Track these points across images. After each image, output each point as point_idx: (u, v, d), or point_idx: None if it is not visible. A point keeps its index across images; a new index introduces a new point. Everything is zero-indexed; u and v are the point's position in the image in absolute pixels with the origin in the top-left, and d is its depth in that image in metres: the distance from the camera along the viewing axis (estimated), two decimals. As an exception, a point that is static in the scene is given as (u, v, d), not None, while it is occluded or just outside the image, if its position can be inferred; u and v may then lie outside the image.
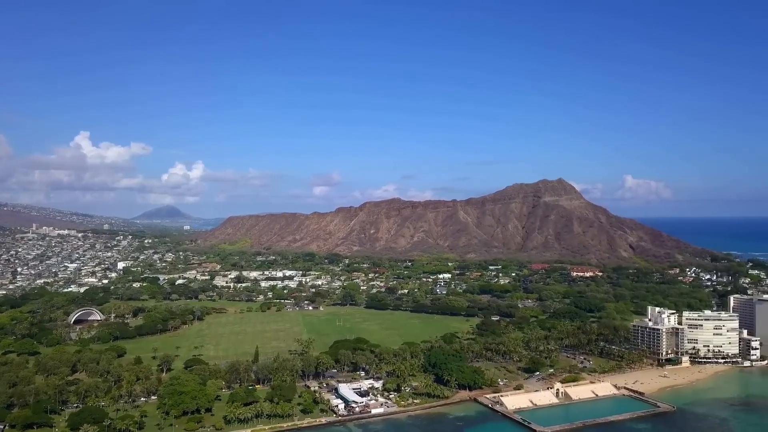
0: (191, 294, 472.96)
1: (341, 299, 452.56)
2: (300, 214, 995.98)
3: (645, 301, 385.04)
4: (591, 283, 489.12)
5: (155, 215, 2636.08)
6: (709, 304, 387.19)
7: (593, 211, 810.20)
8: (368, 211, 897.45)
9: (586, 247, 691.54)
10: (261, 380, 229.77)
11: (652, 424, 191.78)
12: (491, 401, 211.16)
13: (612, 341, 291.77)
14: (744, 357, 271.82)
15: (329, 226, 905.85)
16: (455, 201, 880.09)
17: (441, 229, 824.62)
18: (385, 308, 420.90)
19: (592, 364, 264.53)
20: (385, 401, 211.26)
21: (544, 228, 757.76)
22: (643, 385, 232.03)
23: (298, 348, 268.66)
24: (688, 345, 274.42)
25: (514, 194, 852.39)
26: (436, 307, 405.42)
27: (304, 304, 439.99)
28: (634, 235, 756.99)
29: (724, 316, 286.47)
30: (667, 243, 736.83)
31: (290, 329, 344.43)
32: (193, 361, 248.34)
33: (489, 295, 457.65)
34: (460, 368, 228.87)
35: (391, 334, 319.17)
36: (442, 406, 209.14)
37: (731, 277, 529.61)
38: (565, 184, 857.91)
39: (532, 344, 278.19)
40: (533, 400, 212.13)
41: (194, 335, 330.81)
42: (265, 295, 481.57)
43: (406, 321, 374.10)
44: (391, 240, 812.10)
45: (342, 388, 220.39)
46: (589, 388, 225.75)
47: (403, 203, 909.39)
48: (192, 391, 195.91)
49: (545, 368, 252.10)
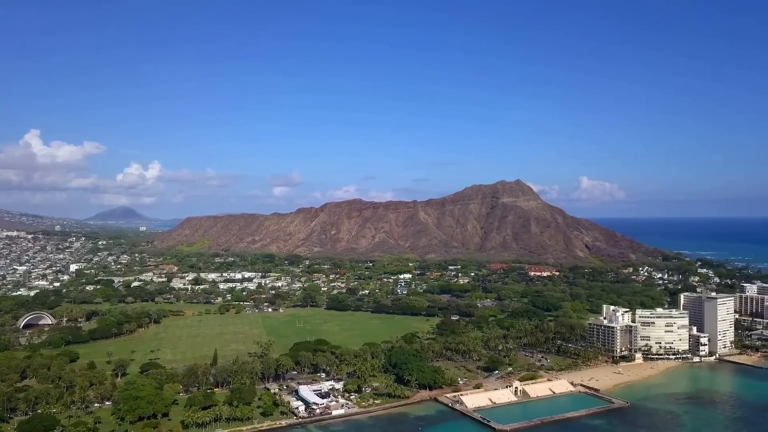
0: (147, 296, 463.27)
1: (302, 301, 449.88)
2: (259, 215, 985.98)
3: (600, 299, 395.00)
4: (548, 283, 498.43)
5: (110, 216, 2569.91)
6: (660, 302, 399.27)
7: (550, 212, 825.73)
8: (329, 212, 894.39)
9: (543, 247, 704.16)
10: (220, 383, 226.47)
11: (606, 420, 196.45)
12: (451, 400, 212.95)
13: (569, 339, 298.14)
14: (693, 353, 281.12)
15: (289, 227, 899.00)
16: (416, 202, 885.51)
17: (402, 229, 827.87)
18: (346, 309, 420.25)
19: (549, 362, 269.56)
20: (346, 402, 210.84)
21: (503, 228, 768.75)
22: (598, 382, 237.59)
23: (258, 350, 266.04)
24: (641, 342, 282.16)
25: (473, 195, 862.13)
26: (396, 308, 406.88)
27: (263, 306, 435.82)
28: (590, 236, 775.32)
29: (675, 313, 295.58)
30: (621, 243, 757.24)
31: (250, 331, 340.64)
32: (149, 365, 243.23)
33: (449, 294, 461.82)
34: (420, 368, 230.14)
35: (352, 335, 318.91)
36: (402, 406, 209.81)
37: (681, 275, 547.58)
38: (522, 185, 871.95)
39: (491, 343, 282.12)
40: (492, 399, 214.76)
41: (151, 339, 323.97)
42: (223, 297, 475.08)
43: (367, 322, 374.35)
44: (353, 241, 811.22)
45: (302, 389, 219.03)
46: (547, 385, 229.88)
47: (364, 204, 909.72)
48: (148, 395, 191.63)
49: (504, 367, 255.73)
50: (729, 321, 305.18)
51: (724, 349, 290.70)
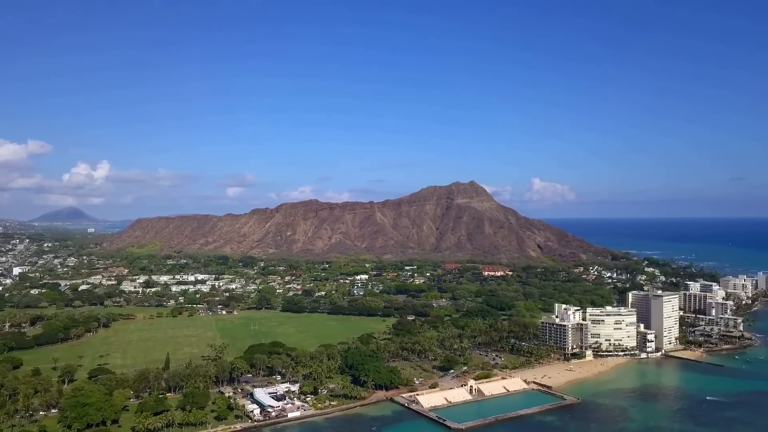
0: (96, 300, 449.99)
1: (256, 303, 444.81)
2: (213, 216, 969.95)
3: (552, 298, 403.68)
4: (502, 282, 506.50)
5: (55, 217, 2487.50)
6: (610, 300, 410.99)
7: (503, 213, 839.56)
8: (284, 213, 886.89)
9: (496, 247, 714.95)
10: (172, 388, 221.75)
11: (558, 416, 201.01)
12: (407, 400, 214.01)
13: (522, 338, 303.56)
14: (641, 349, 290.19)
15: (243, 228, 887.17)
16: (372, 203, 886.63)
17: (358, 230, 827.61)
18: (301, 311, 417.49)
19: (503, 360, 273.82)
20: (302, 404, 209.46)
21: (457, 229, 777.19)
22: (551, 379, 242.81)
23: (212, 353, 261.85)
24: (591, 339, 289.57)
25: (428, 196, 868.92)
26: (353, 309, 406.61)
27: (217, 309, 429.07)
28: (542, 236, 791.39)
29: (624, 311, 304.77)
30: (572, 243, 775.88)
31: (203, 334, 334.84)
32: (98, 371, 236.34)
33: (405, 295, 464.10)
34: (376, 368, 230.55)
35: (308, 337, 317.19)
36: (359, 407, 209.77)
37: (629, 274, 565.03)
38: (476, 186, 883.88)
39: (447, 343, 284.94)
40: (448, 398, 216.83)
41: (99, 343, 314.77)
42: (176, 299, 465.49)
43: (323, 323, 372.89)
44: (308, 242, 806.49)
45: (257, 392, 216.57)
46: (501, 383, 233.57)
47: (321, 205, 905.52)
48: (97, 402, 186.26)
49: (459, 366, 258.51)
50: (674, 318, 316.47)
51: (669, 345, 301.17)
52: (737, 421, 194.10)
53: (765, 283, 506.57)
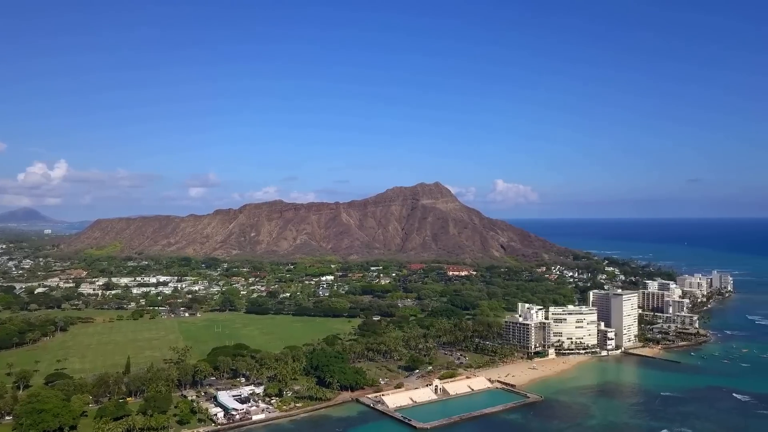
0: (53, 303, 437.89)
1: (220, 305, 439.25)
2: (175, 217, 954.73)
3: (515, 298, 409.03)
4: (466, 282, 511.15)
5: (10, 218, 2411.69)
6: (571, 299, 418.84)
7: (467, 214, 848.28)
8: (248, 214, 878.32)
9: (461, 248, 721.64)
10: (133, 392, 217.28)
11: (522, 414, 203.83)
12: (373, 401, 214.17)
13: (486, 337, 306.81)
14: (601, 347, 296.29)
15: (206, 229, 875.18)
16: (338, 203, 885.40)
17: (324, 231, 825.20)
18: (266, 313, 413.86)
19: (468, 359, 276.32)
20: (267, 407, 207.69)
21: (422, 229, 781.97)
22: (514, 378, 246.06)
23: (174, 356, 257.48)
24: (554, 338, 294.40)
25: (394, 197, 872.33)
26: (318, 310, 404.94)
27: (180, 311, 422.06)
28: (505, 236, 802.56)
29: (585, 310, 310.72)
30: (535, 243, 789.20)
31: (165, 337, 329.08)
32: (55, 376, 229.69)
33: (370, 295, 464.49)
34: (342, 369, 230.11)
35: (273, 339, 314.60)
36: (324, 409, 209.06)
37: (590, 274, 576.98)
38: (441, 187, 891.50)
39: (412, 343, 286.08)
40: (413, 398, 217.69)
41: (57, 348, 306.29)
42: (137, 302, 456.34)
43: (288, 325, 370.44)
44: (273, 243, 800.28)
45: (221, 395, 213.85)
46: (466, 383, 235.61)
47: (286, 205, 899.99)
48: (54, 408, 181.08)
49: (424, 366, 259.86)
50: (633, 316, 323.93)
51: (628, 343, 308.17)
52: (693, 415, 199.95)
53: (719, 282, 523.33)
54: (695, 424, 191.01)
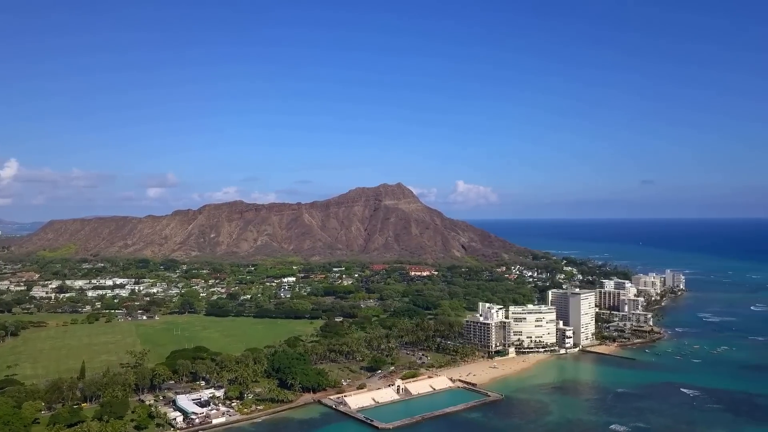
0: (3, 307, 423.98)
1: (179, 307, 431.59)
2: (132, 218, 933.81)
3: (476, 297, 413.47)
4: (428, 282, 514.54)
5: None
6: (531, 298, 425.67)
7: (429, 214, 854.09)
8: (208, 214, 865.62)
9: (423, 248, 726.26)
10: (89, 398, 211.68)
11: (483, 413, 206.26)
12: (335, 402, 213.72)
13: (448, 337, 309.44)
14: (560, 345, 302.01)
15: (165, 230, 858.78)
16: (300, 204, 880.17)
17: (285, 232, 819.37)
18: (226, 315, 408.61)
19: (429, 359, 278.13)
20: (228, 410, 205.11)
21: (385, 230, 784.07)
22: (475, 377, 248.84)
23: (132, 360, 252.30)
24: (514, 337, 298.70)
25: (357, 198, 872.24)
26: (280, 312, 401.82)
27: (137, 314, 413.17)
28: (466, 236, 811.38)
29: (544, 309, 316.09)
30: (495, 243, 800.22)
31: (122, 341, 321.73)
32: (5, 382, 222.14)
33: (333, 296, 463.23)
34: (304, 371, 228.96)
35: (233, 341, 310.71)
36: (286, 411, 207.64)
37: (549, 273, 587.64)
38: (403, 188, 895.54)
39: (374, 343, 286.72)
40: (375, 398, 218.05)
41: (7, 353, 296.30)
42: (92, 305, 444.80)
43: (249, 327, 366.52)
44: (233, 244, 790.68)
45: (180, 399, 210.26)
46: (428, 382, 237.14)
47: (246, 206, 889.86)
48: (3, 415, 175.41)
49: (387, 366, 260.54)
50: (590, 315, 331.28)
51: (586, 341, 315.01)
52: (647, 410, 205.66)
53: (672, 281, 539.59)
54: (650, 419, 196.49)
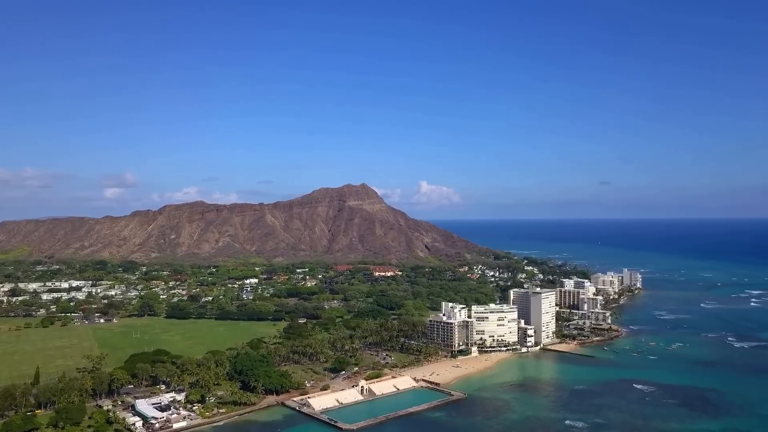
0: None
1: (138, 310, 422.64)
2: (89, 219, 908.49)
3: (439, 297, 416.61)
4: (392, 282, 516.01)
5: None
6: (493, 298, 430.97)
7: (393, 215, 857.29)
8: (168, 215, 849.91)
9: (387, 248, 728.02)
10: (43, 404, 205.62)
11: (446, 412, 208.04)
12: (299, 404, 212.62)
13: (411, 337, 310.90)
14: (522, 344, 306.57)
15: (124, 231, 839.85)
16: (263, 204, 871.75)
17: (248, 233, 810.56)
18: (187, 317, 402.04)
19: (393, 359, 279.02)
20: (189, 413, 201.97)
21: (349, 231, 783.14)
22: (439, 376, 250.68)
23: (89, 365, 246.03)
24: (476, 336, 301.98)
25: (320, 198, 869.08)
26: (242, 313, 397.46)
27: (95, 317, 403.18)
28: (429, 237, 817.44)
29: (506, 308, 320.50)
30: (458, 243, 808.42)
31: (79, 345, 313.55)
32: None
33: (296, 297, 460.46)
34: (267, 373, 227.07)
35: (195, 344, 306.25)
36: (249, 413, 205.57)
37: (511, 273, 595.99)
38: (368, 188, 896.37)
39: (338, 344, 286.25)
40: (339, 399, 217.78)
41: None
42: (47, 308, 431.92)
43: (211, 329, 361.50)
44: (194, 245, 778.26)
45: (140, 404, 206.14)
46: (391, 382, 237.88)
47: (207, 206, 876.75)
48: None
49: (350, 367, 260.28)
50: (551, 314, 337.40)
51: (547, 339, 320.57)
52: (606, 406, 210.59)
53: (629, 279, 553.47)
54: (607, 415, 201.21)
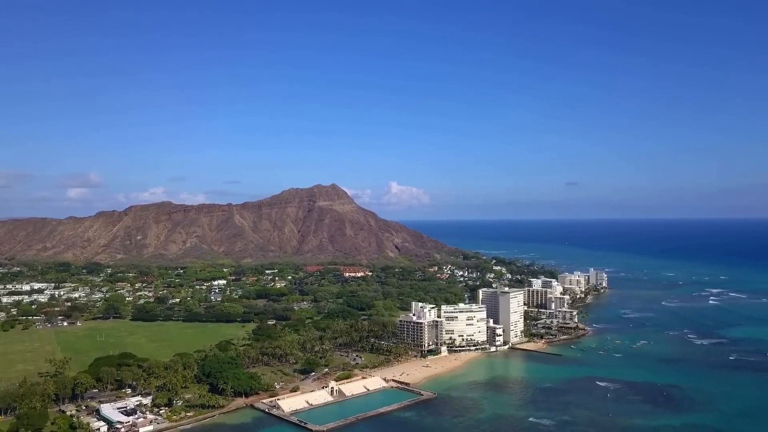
0: None
1: (103, 312, 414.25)
2: (52, 219, 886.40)
3: (409, 297, 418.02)
4: (362, 283, 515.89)
5: None
6: (462, 297, 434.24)
7: (363, 215, 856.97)
8: (134, 216, 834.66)
9: (357, 249, 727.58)
10: (3, 410, 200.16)
11: (416, 412, 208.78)
12: (268, 405, 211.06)
13: (381, 337, 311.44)
14: (490, 343, 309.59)
15: (88, 232, 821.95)
16: (231, 205, 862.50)
17: (216, 234, 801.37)
18: (154, 319, 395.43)
19: (363, 360, 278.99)
20: (155, 417, 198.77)
21: (319, 231, 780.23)
22: (408, 376, 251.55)
23: (51, 369, 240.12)
24: (446, 336, 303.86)
25: (290, 199, 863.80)
26: (210, 315, 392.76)
27: (57, 320, 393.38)
28: (400, 237, 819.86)
29: (475, 308, 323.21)
30: (427, 244, 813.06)
31: (41, 349, 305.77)
32: None
33: (265, 299, 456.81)
34: (235, 375, 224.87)
35: (162, 346, 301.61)
36: (217, 416, 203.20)
37: (479, 273, 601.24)
38: (338, 189, 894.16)
39: (308, 345, 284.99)
40: (309, 401, 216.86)
41: None
42: (7, 312, 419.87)
43: (179, 331, 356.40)
44: (161, 246, 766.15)
45: (105, 408, 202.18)
46: (361, 383, 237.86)
47: (174, 207, 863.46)
48: None
49: (320, 368, 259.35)
50: (519, 313, 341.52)
51: (515, 338, 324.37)
52: (572, 404, 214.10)
53: (595, 279, 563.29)
54: (574, 412, 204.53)
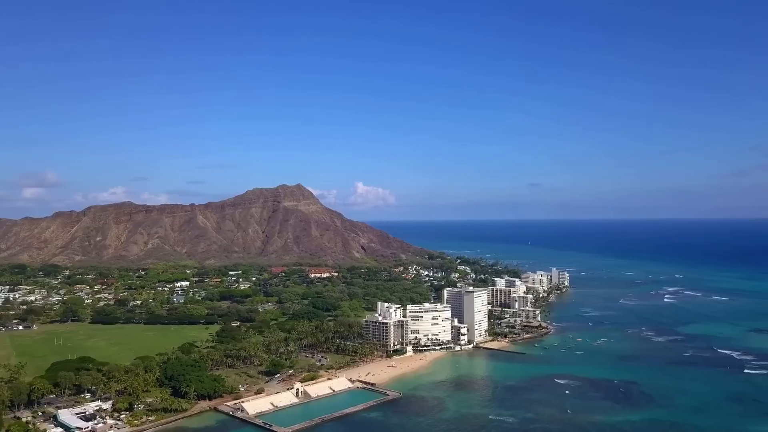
0: None
1: (61, 315, 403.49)
2: (7, 220, 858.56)
3: (375, 297, 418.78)
4: (328, 284, 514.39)
5: None
6: (427, 297, 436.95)
7: (329, 216, 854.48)
8: (93, 216, 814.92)
9: (323, 249, 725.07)
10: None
11: (382, 412, 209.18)
12: (232, 408, 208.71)
13: (347, 337, 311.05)
14: (455, 342, 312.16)
15: (45, 233, 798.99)
16: (194, 205, 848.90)
17: (178, 234, 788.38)
18: (114, 322, 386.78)
19: (329, 361, 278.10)
20: (116, 422, 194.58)
21: (284, 232, 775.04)
22: (374, 377, 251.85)
23: (6, 374, 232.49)
24: (411, 335, 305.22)
25: (254, 199, 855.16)
26: (173, 317, 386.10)
27: (12, 324, 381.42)
28: (366, 237, 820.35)
29: (440, 307, 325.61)
30: (393, 244, 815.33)
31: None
32: None
33: (229, 300, 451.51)
34: (199, 378, 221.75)
35: (122, 350, 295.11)
36: (180, 420, 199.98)
37: (444, 272, 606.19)
38: (303, 189, 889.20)
39: (273, 347, 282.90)
40: (274, 403, 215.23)
41: None
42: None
43: (140, 334, 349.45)
44: (122, 247, 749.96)
45: (62, 414, 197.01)
46: (327, 384, 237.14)
47: (136, 207, 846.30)
48: None
49: (285, 369, 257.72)
50: (484, 312, 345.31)
51: (480, 337, 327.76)
52: (535, 401, 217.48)
53: (558, 278, 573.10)
54: (537, 410, 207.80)
